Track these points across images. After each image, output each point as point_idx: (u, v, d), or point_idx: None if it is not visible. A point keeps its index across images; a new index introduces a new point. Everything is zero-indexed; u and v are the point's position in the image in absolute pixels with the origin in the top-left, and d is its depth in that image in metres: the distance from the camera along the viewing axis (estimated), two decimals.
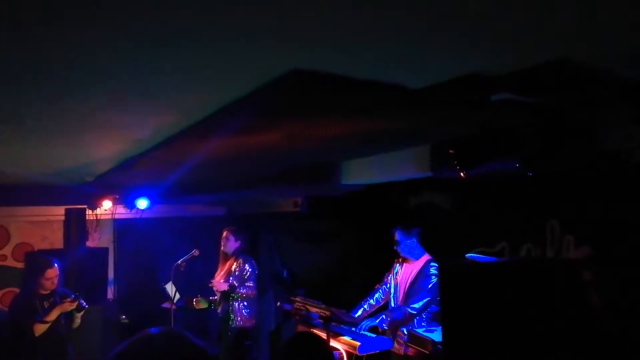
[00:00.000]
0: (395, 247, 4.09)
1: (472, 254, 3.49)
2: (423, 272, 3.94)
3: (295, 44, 1.52)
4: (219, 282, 4.87)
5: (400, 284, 4.08)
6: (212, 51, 1.55)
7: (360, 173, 4.26)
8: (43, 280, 4.18)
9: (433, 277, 3.88)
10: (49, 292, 4.23)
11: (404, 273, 4.11)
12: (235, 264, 4.92)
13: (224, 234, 5.02)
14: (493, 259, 3.56)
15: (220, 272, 5.03)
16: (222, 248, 5.04)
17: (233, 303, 4.83)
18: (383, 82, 1.95)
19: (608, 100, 2.37)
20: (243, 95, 2.00)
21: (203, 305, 5.08)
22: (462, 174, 2.77)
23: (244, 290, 4.83)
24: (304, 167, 4.43)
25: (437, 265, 3.93)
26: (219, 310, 4.98)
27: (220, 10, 1.26)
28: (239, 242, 4.99)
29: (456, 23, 1.41)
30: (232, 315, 4.80)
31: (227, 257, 5.03)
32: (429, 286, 3.86)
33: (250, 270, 4.90)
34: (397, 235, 4.06)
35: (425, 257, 4.04)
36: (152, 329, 1.03)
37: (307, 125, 2.72)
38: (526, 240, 3.69)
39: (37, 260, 4.51)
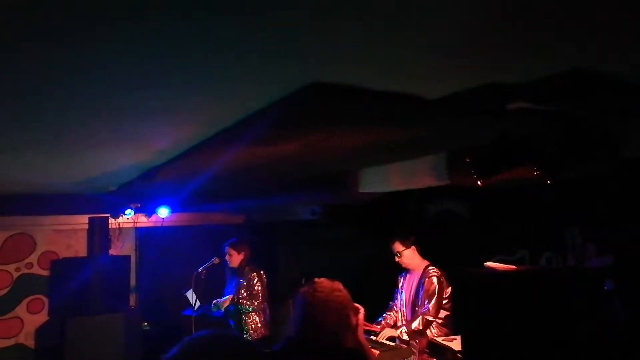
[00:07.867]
0: (395, 259, 4.18)
1: (491, 262, 3.47)
2: (424, 278, 4.02)
3: (314, 58, 1.55)
4: (222, 301, 4.84)
5: (406, 294, 4.17)
6: (233, 65, 1.59)
7: (378, 182, 4.28)
8: None
9: (434, 279, 3.94)
10: None
11: (407, 284, 4.22)
12: (243, 276, 4.90)
13: (226, 250, 4.98)
14: (513, 267, 3.53)
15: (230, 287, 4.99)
16: (229, 264, 5.00)
17: (244, 317, 4.80)
18: (400, 93, 1.97)
19: (629, 107, 2.34)
20: (262, 107, 2.04)
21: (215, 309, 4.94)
22: (479, 182, 2.77)
23: (252, 302, 4.79)
24: (322, 176, 4.45)
25: (436, 269, 4.04)
26: (230, 320, 4.94)
27: (241, 25, 1.30)
28: (242, 254, 4.95)
29: (472, 35, 1.42)
30: (245, 327, 4.77)
31: (235, 272, 5.00)
32: (434, 290, 3.92)
33: (258, 281, 4.85)
34: (396, 246, 4.15)
35: (425, 263, 4.13)
36: (202, 331, 1.02)
37: (326, 135, 2.75)
38: (546, 249, 3.66)
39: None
